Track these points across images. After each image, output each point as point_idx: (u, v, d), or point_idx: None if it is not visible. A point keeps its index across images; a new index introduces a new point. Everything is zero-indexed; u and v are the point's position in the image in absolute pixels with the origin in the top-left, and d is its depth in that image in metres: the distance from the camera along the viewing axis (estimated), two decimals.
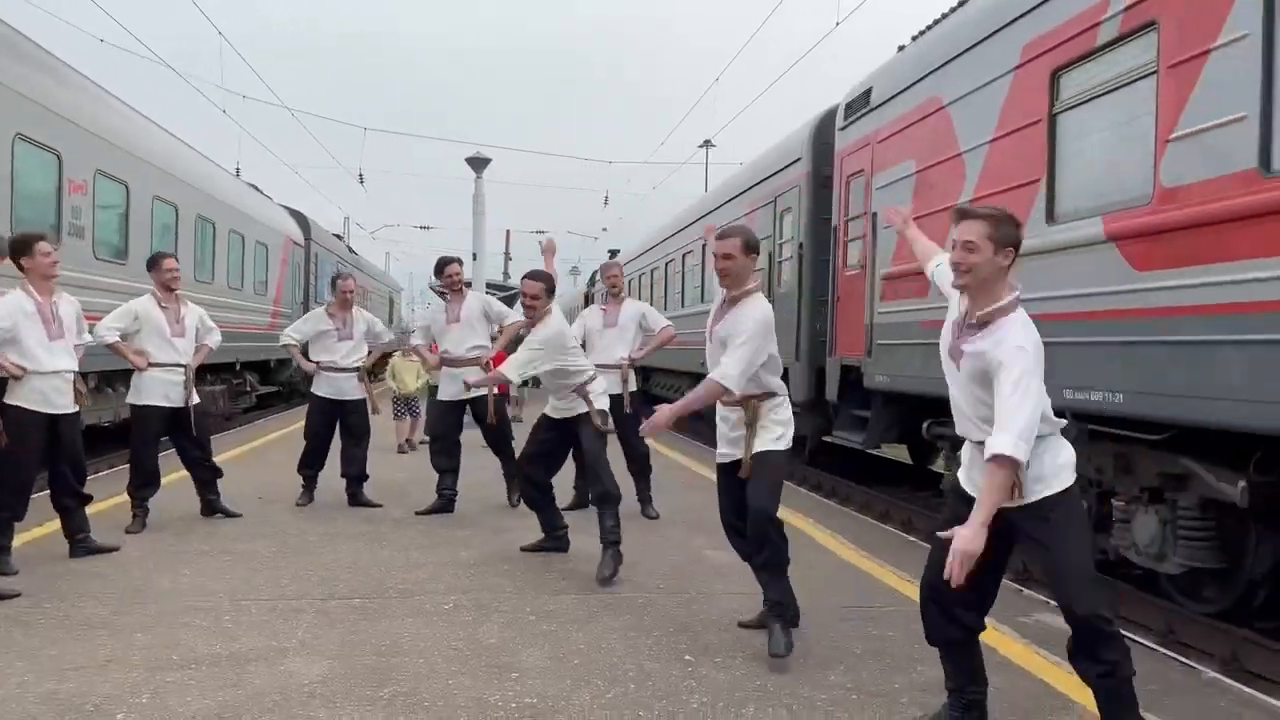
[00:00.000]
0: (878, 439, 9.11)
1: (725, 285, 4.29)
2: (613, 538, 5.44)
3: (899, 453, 11.54)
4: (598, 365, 6.36)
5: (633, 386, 7.49)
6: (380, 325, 8.03)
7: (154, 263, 6.65)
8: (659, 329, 7.61)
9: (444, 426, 7.55)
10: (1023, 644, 4.37)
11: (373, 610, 4.65)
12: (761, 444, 4.17)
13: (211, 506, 6.89)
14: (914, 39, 8.50)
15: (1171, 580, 5.80)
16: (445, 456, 7.43)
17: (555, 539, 6.05)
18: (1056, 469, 3.03)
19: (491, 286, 23.63)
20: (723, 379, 4.05)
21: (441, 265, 7.63)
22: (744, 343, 4.06)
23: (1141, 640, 5.05)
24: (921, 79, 7.89)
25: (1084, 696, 3.46)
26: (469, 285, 8.25)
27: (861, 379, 9.00)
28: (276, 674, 3.74)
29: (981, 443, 3.00)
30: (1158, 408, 5.13)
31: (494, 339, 7.60)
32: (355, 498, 7.57)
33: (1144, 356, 5.18)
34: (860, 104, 9.23)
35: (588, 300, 33.56)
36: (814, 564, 5.86)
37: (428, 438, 12.24)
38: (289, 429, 14.11)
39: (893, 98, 8.44)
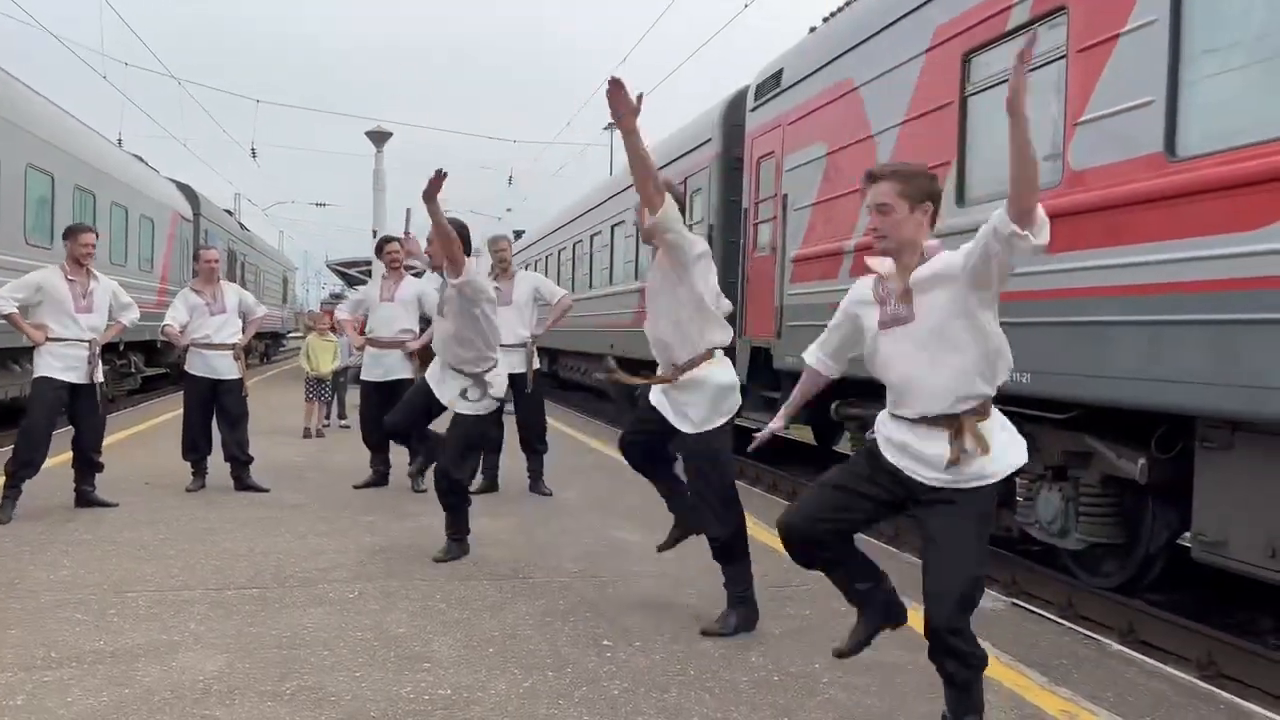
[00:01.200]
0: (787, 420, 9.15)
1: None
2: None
3: (804, 434, 11.66)
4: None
5: (535, 364, 7.37)
6: (252, 299, 7.64)
7: (70, 233, 6.27)
8: (556, 300, 7.47)
9: (368, 407, 7.51)
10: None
11: (272, 600, 4.41)
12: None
13: (85, 497, 6.44)
14: (826, 20, 8.51)
15: (1071, 555, 5.96)
16: (374, 434, 7.46)
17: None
18: (1007, 452, 2.85)
19: None
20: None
21: (381, 244, 7.88)
22: None
23: (1044, 614, 5.17)
24: (833, 60, 7.90)
25: None
26: (410, 269, 8.02)
27: (770, 360, 9.04)
28: (168, 670, 3.49)
29: (943, 416, 2.81)
30: (1063, 387, 5.24)
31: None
32: (240, 481, 7.22)
33: (1051, 338, 5.28)
34: (771, 85, 9.22)
35: None
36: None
37: (344, 423, 11.93)
38: (176, 412, 13.48)
39: (804, 79, 8.45)
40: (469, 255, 5.33)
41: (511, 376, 6.65)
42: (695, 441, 4.10)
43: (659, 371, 4.24)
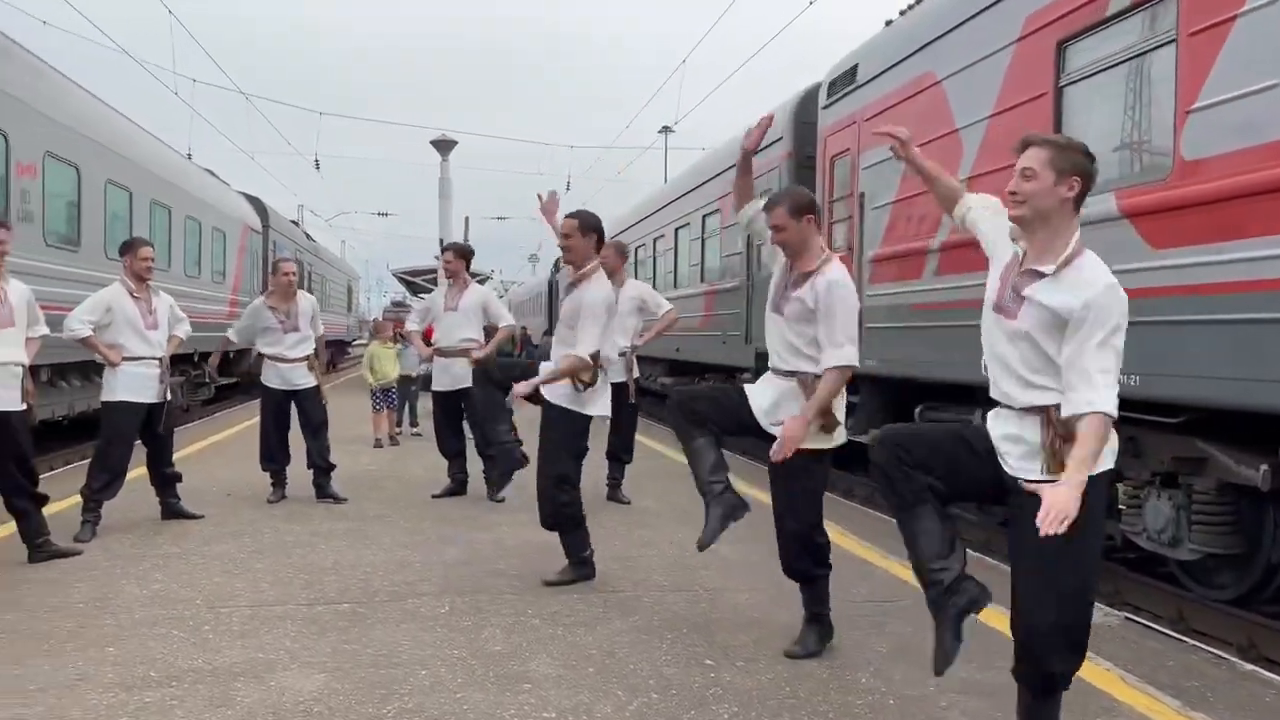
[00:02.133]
0: (865, 425, 8.93)
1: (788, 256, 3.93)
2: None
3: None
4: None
5: (635, 373, 7.19)
6: (319, 317, 7.60)
7: (129, 248, 6.22)
8: (661, 312, 7.31)
9: (439, 416, 7.59)
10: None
11: (363, 616, 4.35)
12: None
13: (171, 509, 6.48)
14: (903, 13, 8.28)
15: (1181, 566, 5.67)
16: (449, 443, 7.53)
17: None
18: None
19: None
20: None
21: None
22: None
23: (1160, 628, 4.91)
24: (913, 54, 7.67)
25: None
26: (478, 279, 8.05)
27: None
28: (267, 690, 3.43)
29: (1025, 409, 2.71)
30: (1176, 389, 4.98)
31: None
32: (321, 490, 7.23)
33: (1160, 337, 5.02)
34: (845, 81, 9.01)
35: (553, 289, 33.12)
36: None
37: (416, 430, 11.98)
38: (252, 421, 13.65)
39: (881, 74, 8.22)
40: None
41: (613, 386, 6.55)
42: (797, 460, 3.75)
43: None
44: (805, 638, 3.93)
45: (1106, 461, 2.67)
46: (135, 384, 6.07)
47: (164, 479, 6.45)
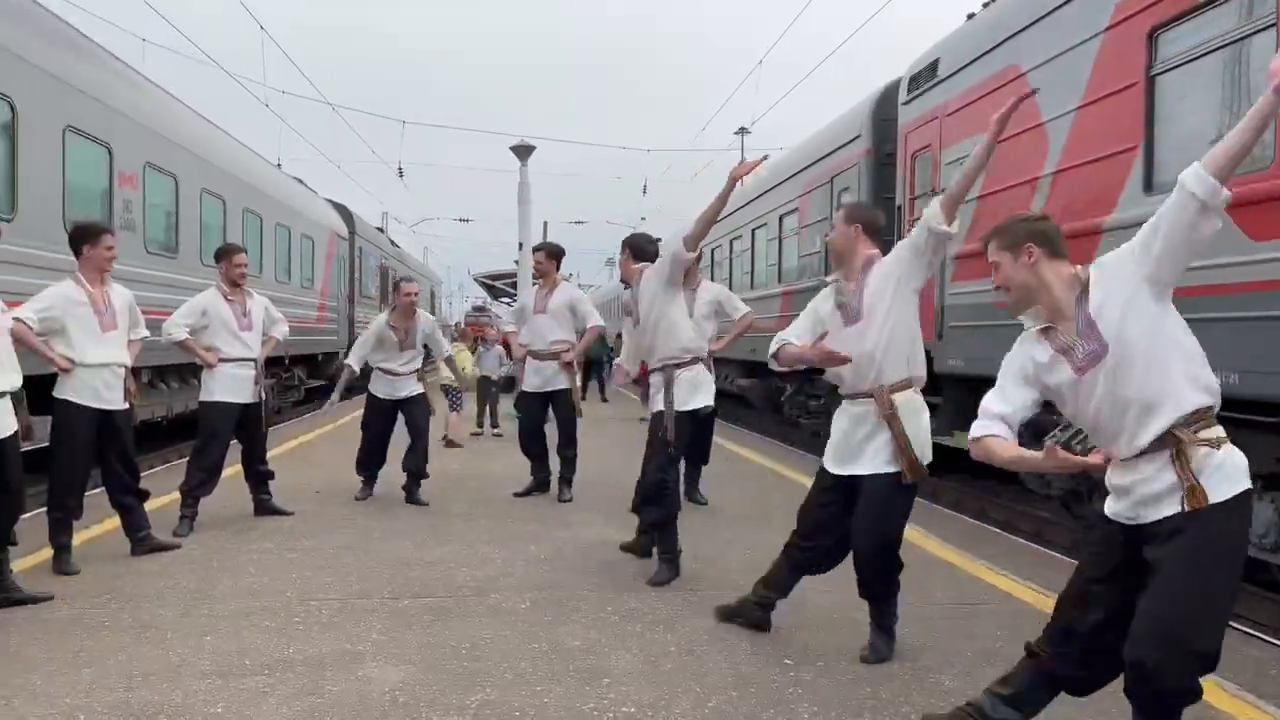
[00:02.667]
0: (949, 426, 8.76)
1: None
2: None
3: (959, 439, 11.17)
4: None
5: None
6: (439, 334, 7.79)
7: (224, 254, 6.45)
8: (739, 315, 7.21)
9: (528, 417, 7.57)
10: None
11: (447, 610, 4.44)
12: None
13: (264, 505, 6.71)
14: (986, 5, 8.11)
15: None
16: (534, 443, 7.56)
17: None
18: (1228, 464, 2.54)
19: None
20: None
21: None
22: None
23: (1259, 635, 4.71)
24: (996, 46, 7.51)
25: None
26: (567, 278, 8.01)
27: (930, 363, 8.65)
28: (355, 680, 3.53)
29: (1138, 455, 2.58)
30: (1276, 388, 4.77)
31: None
32: (410, 494, 7.33)
33: (1260, 333, 4.82)
34: (926, 76, 8.86)
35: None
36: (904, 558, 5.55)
37: (497, 431, 12.18)
38: (340, 422, 14.03)
39: (963, 68, 8.07)
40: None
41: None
42: (882, 479, 3.74)
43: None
44: (876, 644, 3.86)
45: (1243, 481, 2.55)
46: (231, 385, 6.29)
47: (258, 476, 6.68)
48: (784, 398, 13.63)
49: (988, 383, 6.10)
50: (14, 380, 4.29)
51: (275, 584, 4.87)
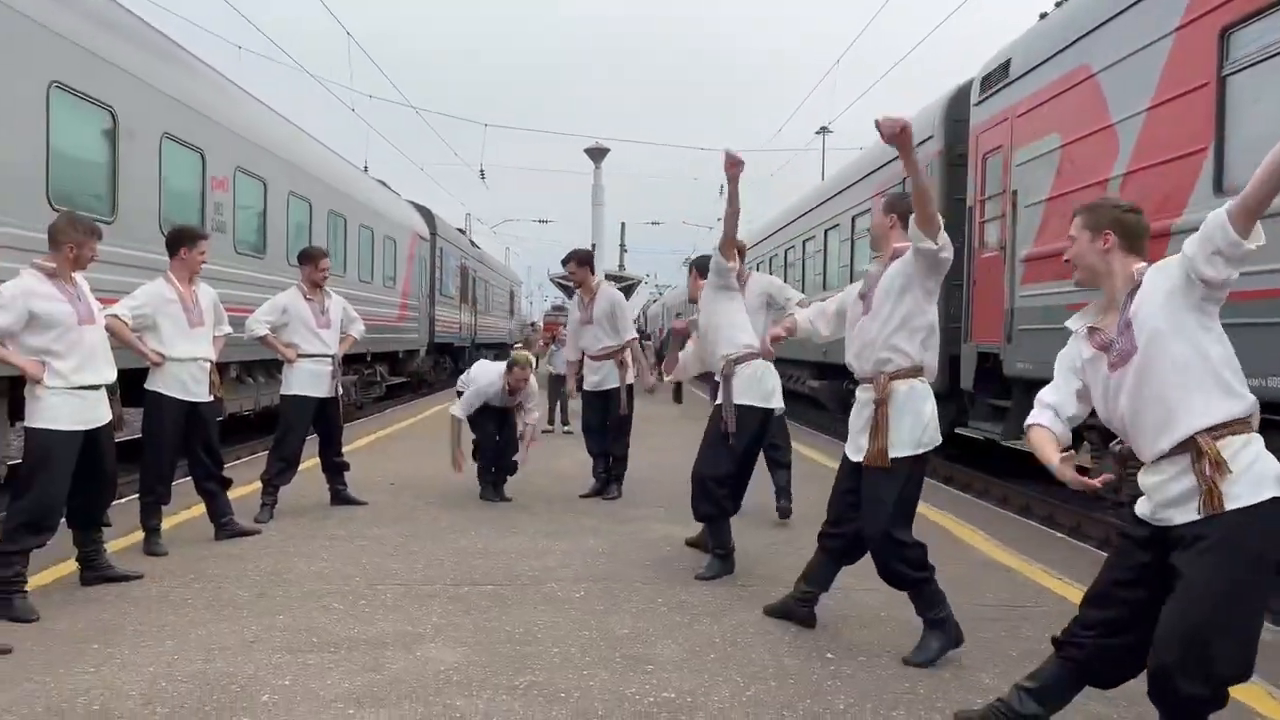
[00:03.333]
0: (1018, 430, 8.66)
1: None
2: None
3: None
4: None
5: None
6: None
7: (308, 258, 6.75)
8: (792, 304, 6.77)
9: (588, 415, 7.67)
10: None
11: (505, 597, 4.63)
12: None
13: (339, 495, 7.02)
14: (1058, 5, 8.01)
15: None
16: (595, 442, 7.66)
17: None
18: (1255, 469, 2.53)
19: (609, 277, 23.79)
20: None
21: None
22: None
23: None
24: (1067, 47, 7.42)
25: None
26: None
27: (1000, 366, 8.58)
28: (414, 659, 3.73)
29: (1161, 457, 2.61)
30: None
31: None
32: (496, 488, 7.45)
33: None
34: (998, 76, 8.78)
35: None
36: (956, 559, 5.57)
37: (567, 429, 12.40)
38: (417, 418, 14.46)
39: (1035, 68, 7.98)
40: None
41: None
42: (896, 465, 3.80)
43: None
44: (925, 644, 3.85)
45: (1272, 488, 2.53)
46: (309, 380, 6.61)
47: (334, 468, 6.99)
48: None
49: None
50: (110, 374, 4.61)
51: (345, 569, 5.13)
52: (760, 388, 5.17)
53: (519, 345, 12.58)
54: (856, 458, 3.94)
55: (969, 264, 9.46)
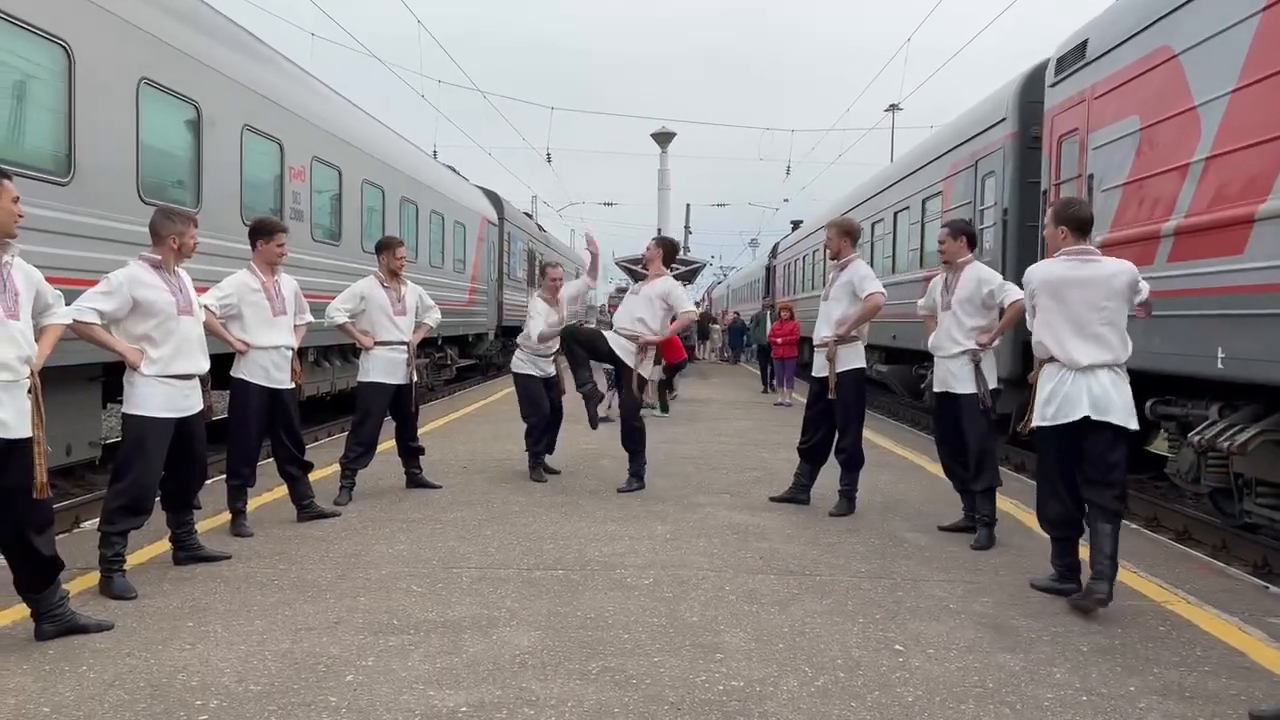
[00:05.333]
0: None
1: None
2: None
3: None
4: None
5: (842, 366, 6.47)
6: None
7: (385, 247, 6.92)
8: (865, 294, 6.55)
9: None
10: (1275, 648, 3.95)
11: (575, 582, 4.73)
12: None
13: (414, 479, 7.21)
14: None
15: None
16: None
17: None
18: None
19: (675, 260, 23.81)
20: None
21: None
22: None
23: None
24: (1147, 27, 7.22)
25: None
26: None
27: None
28: (490, 642, 3.85)
29: None
30: None
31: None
32: (549, 468, 7.77)
33: None
34: (1074, 58, 8.57)
35: (770, 273, 33.11)
36: (1027, 551, 5.53)
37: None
38: (488, 400, 14.71)
39: (1112, 49, 7.78)
40: None
41: (821, 379, 6.61)
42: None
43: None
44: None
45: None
46: (385, 366, 6.78)
47: (409, 452, 7.18)
48: (924, 385, 13.43)
49: (1132, 374, 6.00)
50: (203, 364, 4.82)
51: (422, 552, 5.29)
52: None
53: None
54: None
55: (1043, 249, 9.28)
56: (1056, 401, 4.50)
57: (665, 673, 3.55)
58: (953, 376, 5.85)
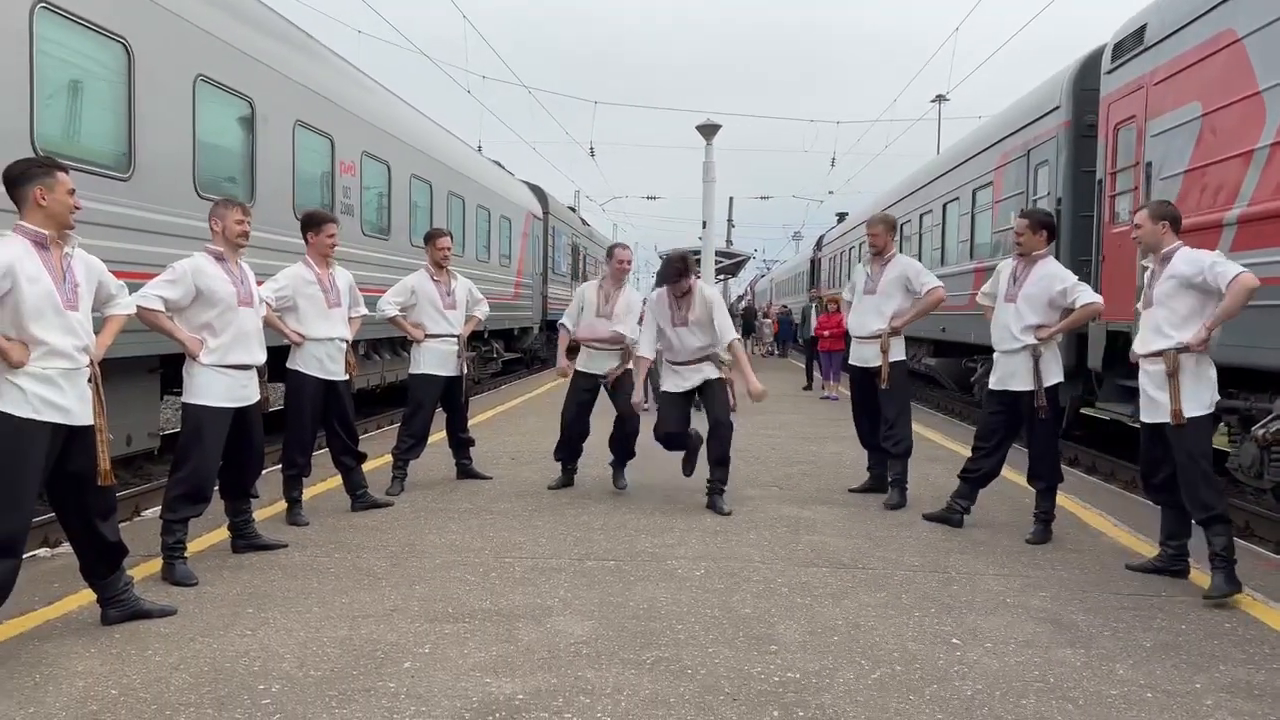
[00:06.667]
0: None
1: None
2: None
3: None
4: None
5: (892, 358, 6.44)
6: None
7: (429, 238, 6.97)
8: (924, 290, 6.43)
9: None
10: None
11: (627, 573, 4.74)
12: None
13: (465, 469, 7.27)
14: None
15: None
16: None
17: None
18: None
19: (719, 254, 23.70)
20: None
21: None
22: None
23: None
24: (1209, 10, 7.04)
25: None
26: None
27: (1130, 346, 8.25)
28: (544, 631, 3.87)
29: None
30: None
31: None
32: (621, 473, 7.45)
33: None
34: (1132, 43, 8.39)
35: (814, 265, 32.85)
36: (1084, 546, 5.44)
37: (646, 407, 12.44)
38: (533, 393, 14.78)
39: (1173, 34, 7.60)
40: None
41: (867, 371, 6.55)
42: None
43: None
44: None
45: None
46: (436, 359, 6.83)
47: (460, 443, 7.24)
48: (974, 378, 13.26)
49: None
50: (260, 356, 4.89)
51: (475, 541, 5.33)
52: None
53: None
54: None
55: (1098, 239, 9.12)
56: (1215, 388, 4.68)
57: (720, 663, 3.54)
58: (1012, 375, 5.64)
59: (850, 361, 6.82)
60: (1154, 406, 4.76)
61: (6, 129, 5.52)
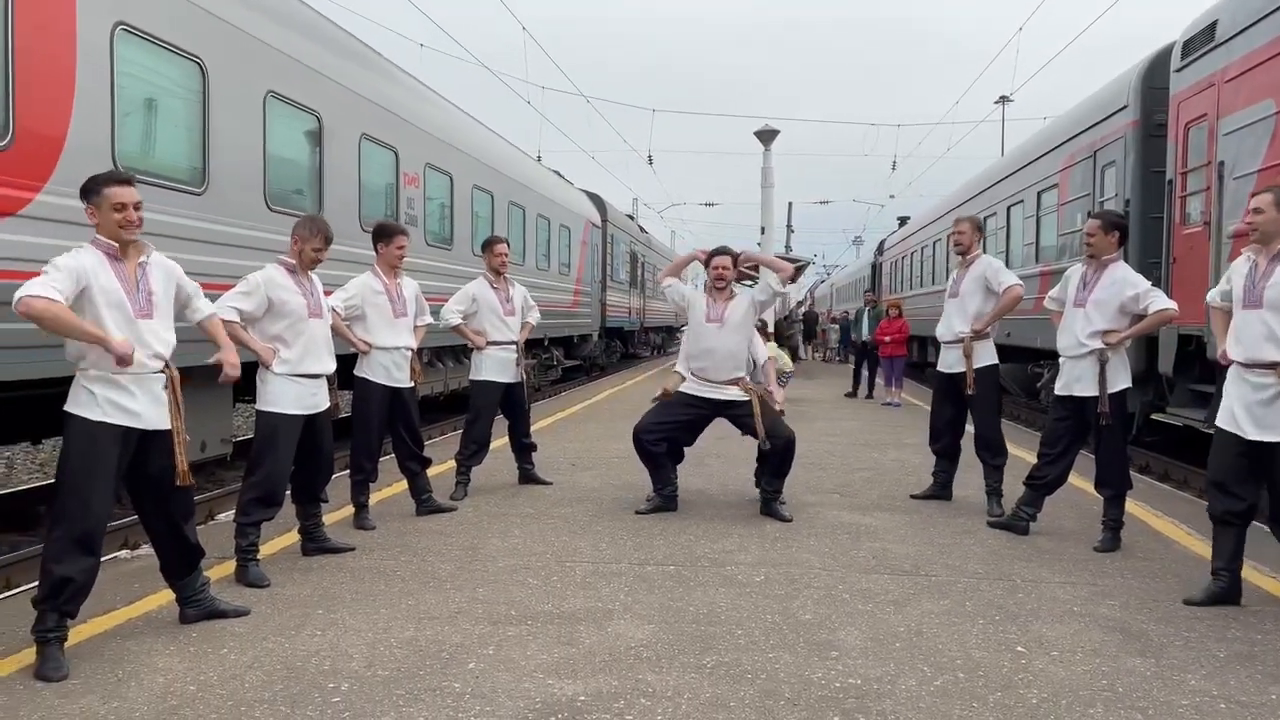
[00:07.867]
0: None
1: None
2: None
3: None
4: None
5: (978, 362, 6.35)
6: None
7: (486, 246, 7.09)
8: (1002, 288, 6.28)
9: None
10: None
11: (687, 577, 4.76)
12: None
13: (527, 475, 7.36)
14: None
15: None
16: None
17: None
18: None
19: (778, 259, 23.59)
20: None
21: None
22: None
23: None
24: None
25: None
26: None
27: (1203, 350, 8.05)
28: (605, 634, 3.91)
29: None
30: None
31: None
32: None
33: None
34: (1203, 40, 8.19)
35: (875, 271, 32.52)
36: (1155, 555, 5.32)
37: None
38: (592, 400, 14.88)
39: (1246, 29, 7.41)
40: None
41: (953, 377, 6.48)
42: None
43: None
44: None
45: None
46: (497, 366, 6.94)
47: (521, 448, 7.34)
48: (1040, 384, 13.02)
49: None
50: (330, 365, 5.03)
51: (536, 546, 5.40)
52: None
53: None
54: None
55: (1168, 240, 8.91)
56: None
57: (780, 669, 3.55)
58: (1078, 380, 5.50)
59: (937, 368, 6.75)
60: (1262, 424, 4.27)
61: (89, 144, 5.75)
